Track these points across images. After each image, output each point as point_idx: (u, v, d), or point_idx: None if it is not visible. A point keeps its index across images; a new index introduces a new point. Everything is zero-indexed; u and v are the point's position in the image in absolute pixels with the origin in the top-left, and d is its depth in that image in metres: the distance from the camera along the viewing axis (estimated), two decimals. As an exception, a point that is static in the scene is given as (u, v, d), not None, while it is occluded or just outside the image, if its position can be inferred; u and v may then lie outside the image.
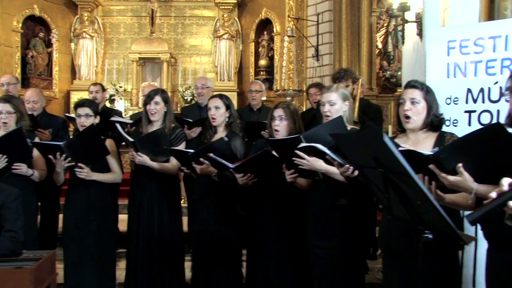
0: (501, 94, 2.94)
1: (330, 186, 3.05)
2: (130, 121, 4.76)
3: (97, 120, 3.84)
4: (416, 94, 2.63)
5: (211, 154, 3.35)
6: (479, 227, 2.56)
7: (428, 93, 2.65)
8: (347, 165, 2.70)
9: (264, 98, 9.39)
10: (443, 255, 2.52)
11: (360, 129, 3.22)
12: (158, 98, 3.88)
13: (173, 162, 3.81)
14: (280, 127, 3.37)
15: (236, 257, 3.86)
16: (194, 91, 5.88)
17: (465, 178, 2.06)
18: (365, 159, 1.60)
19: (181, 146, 3.89)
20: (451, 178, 2.08)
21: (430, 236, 1.65)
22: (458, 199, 2.30)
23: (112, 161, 3.80)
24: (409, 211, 1.65)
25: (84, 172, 3.56)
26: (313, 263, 3.23)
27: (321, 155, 2.83)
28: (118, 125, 3.87)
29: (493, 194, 1.61)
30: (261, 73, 10.33)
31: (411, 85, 2.69)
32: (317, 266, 3.20)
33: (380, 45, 8.74)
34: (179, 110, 8.68)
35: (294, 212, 3.41)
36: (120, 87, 10.35)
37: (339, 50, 8.28)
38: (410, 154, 2.21)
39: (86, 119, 3.75)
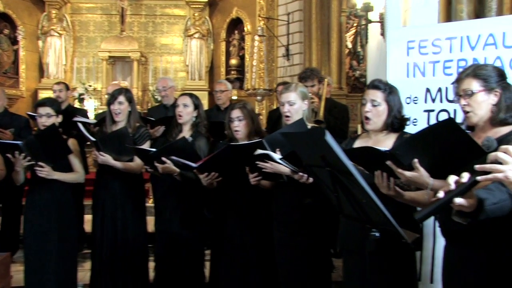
0: (457, 94, 3.01)
1: (295, 186, 3.05)
2: (93, 121, 4.70)
3: (59, 119, 3.77)
4: (378, 95, 2.61)
5: (173, 157, 3.32)
6: (437, 224, 2.62)
7: (390, 94, 2.63)
8: (301, 173, 2.71)
9: (235, 97, 9.43)
10: (399, 253, 2.55)
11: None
12: (121, 98, 3.84)
13: (137, 161, 3.77)
14: (240, 127, 3.36)
15: (199, 257, 3.83)
16: (157, 93, 5.83)
17: (421, 173, 2.11)
18: (314, 158, 1.62)
19: (145, 145, 3.85)
20: (408, 173, 2.13)
21: (377, 234, 1.67)
22: (417, 196, 2.34)
23: (74, 160, 3.74)
24: (356, 210, 1.67)
25: (45, 171, 3.50)
26: (278, 263, 3.24)
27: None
28: (80, 125, 3.81)
29: (440, 193, 1.64)
30: (232, 72, 10.33)
31: (373, 85, 2.67)
32: (283, 266, 3.20)
33: (349, 45, 8.83)
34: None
35: (259, 212, 3.41)
36: (90, 86, 10.20)
37: (309, 50, 8.33)
38: (367, 151, 2.25)
39: (47, 119, 3.68)
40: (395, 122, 2.62)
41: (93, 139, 3.67)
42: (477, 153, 1.87)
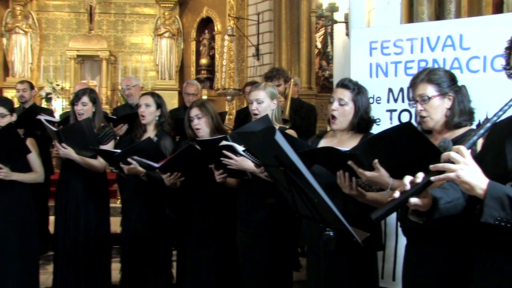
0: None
1: (258, 185, 3.05)
2: (57, 120, 4.60)
3: (13, 118, 3.69)
4: (345, 94, 2.61)
5: (135, 157, 3.28)
6: (399, 223, 2.65)
7: (358, 94, 2.63)
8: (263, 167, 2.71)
9: (205, 97, 9.38)
10: (360, 252, 2.57)
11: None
12: (85, 99, 3.78)
13: (100, 159, 3.71)
14: (200, 125, 3.34)
15: (165, 258, 3.79)
16: (123, 93, 5.74)
17: (381, 173, 2.14)
18: (268, 157, 1.61)
19: (110, 145, 3.80)
20: (368, 173, 2.16)
21: (331, 233, 1.68)
22: (379, 197, 2.36)
23: (33, 160, 3.66)
24: (310, 209, 1.67)
25: (3, 172, 3.41)
26: (241, 262, 3.23)
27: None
28: (43, 120, 3.73)
29: (396, 194, 1.65)
30: (202, 72, 10.29)
31: (342, 84, 2.67)
32: (246, 265, 3.20)
33: (319, 45, 8.88)
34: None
35: (223, 212, 3.40)
36: (58, 85, 10.00)
37: (279, 50, 8.35)
38: (328, 151, 2.26)
39: (1, 119, 3.60)
40: (362, 122, 2.63)
41: (54, 129, 3.60)
42: (435, 155, 1.90)
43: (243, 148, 2.69)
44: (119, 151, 3.44)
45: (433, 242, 2.17)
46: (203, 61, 10.34)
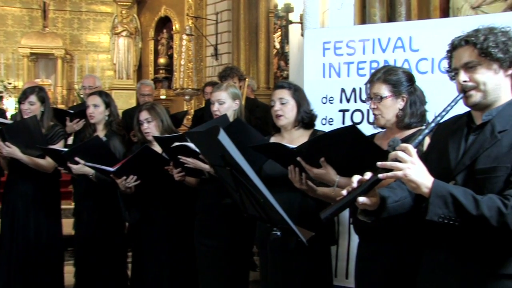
0: (370, 95, 3.09)
1: (216, 185, 3.02)
2: (8, 121, 4.41)
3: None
4: (284, 93, 2.69)
5: (90, 164, 3.17)
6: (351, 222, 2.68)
7: (296, 91, 2.71)
8: None
9: (163, 97, 9.27)
10: (314, 250, 2.58)
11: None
12: (33, 98, 3.64)
13: (49, 159, 3.58)
14: (150, 129, 3.28)
15: (120, 259, 3.72)
16: (82, 91, 5.58)
17: (328, 171, 2.19)
18: (215, 157, 1.59)
19: (59, 145, 3.67)
20: (315, 170, 2.20)
21: (278, 233, 1.67)
22: (329, 192, 2.38)
23: None
24: (257, 209, 1.65)
25: None
26: (198, 261, 3.20)
27: (194, 155, 2.79)
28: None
29: (344, 192, 1.67)
30: (161, 71, 10.16)
31: (279, 85, 2.77)
32: (202, 264, 3.17)
33: (277, 45, 8.90)
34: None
35: (179, 211, 3.35)
36: (9, 83, 9.65)
37: (238, 50, 8.34)
38: (275, 147, 2.27)
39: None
40: (305, 117, 2.69)
41: None
42: (381, 155, 1.92)
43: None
44: (66, 149, 3.34)
45: (383, 240, 2.21)
46: (162, 60, 10.22)
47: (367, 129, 2.58)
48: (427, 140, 2.09)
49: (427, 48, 2.95)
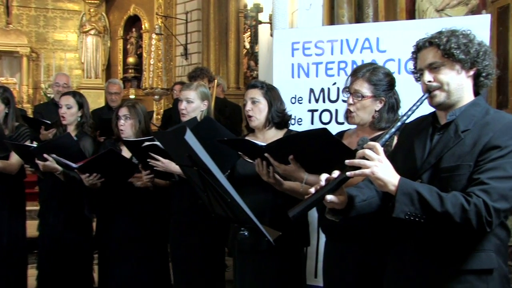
0: (339, 95, 3.10)
1: (189, 186, 2.99)
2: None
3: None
4: (256, 93, 2.67)
5: (54, 155, 3.11)
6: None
7: (268, 91, 2.69)
8: None
9: (132, 96, 9.14)
10: (288, 250, 2.58)
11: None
12: None
13: (13, 159, 3.49)
14: (125, 126, 3.26)
15: (86, 261, 3.67)
16: (53, 88, 5.43)
17: (296, 168, 2.19)
18: (182, 157, 1.56)
19: None
20: (283, 167, 2.20)
21: (246, 233, 1.65)
22: (296, 186, 2.38)
23: None
24: (225, 209, 1.63)
25: None
26: (173, 263, 3.18)
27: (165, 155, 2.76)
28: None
29: (312, 190, 1.67)
30: (130, 70, 10.02)
31: (251, 85, 2.75)
32: (177, 265, 3.15)
33: (247, 45, 8.89)
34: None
35: (149, 212, 3.30)
36: (-28, 82, 9.34)
37: (207, 49, 8.29)
38: (245, 144, 2.27)
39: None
40: (276, 116, 2.67)
41: None
42: (350, 156, 1.93)
43: None
44: (35, 145, 3.27)
45: (349, 239, 2.22)
46: (131, 59, 10.07)
47: (335, 129, 2.59)
48: (395, 139, 2.12)
49: (394, 49, 2.98)
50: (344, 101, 3.03)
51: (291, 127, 3.06)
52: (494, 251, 1.65)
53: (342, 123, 3.15)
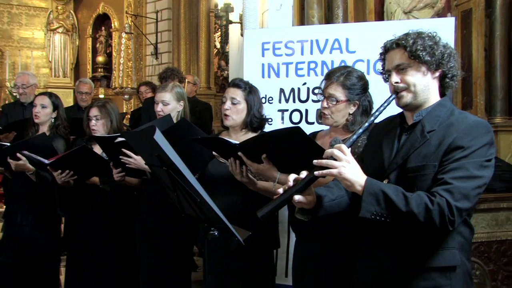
0: (309, 95, 3.11)
1: (159, 184, 2.95)
2: None
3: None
4: (238, 93, 2.64)
5: (25, 152, 3.05)
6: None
7: (250, 93, 2.66)
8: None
9: (102, 96, 8.99)
10: (258, 251, 2.57)
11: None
12: None
13: None
14: (97, 126, 3.23)
15: (53, 263, 3.60)
16: (15, 89, 5.30)
17: (269, 167, 2.19)
18: (151, 157, 1.54)
19: None
20: (256, 166, 2.19)
21: (216, 233, 1.64)
22: (269, 186, 2.39)
23: None
24: (195, 209, 1.62)
25: None
26: (140, 262, 3.12)
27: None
28: None
29: (280, 190, 1.67)
30: (99, 70, 9.86)
31: (234, 83, 2.70)
32: (144, 265, 3.09)
33: (218, 45, 8.86)
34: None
35: (119, 208, 3.27)
36: None
37: (178, 49, 8.23)
38: (218, 141, 2.25)
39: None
40: (254, 121, 2.66)
41: None
42: (321, 154, 1.94)
43: None
44: (8, 144, 3.21)
45: (319, 238, 2.24)
46: (100, 58, 9.91)
47: (305, 129, 2.58)
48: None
49: (363, 50, 3.01)
50: (314, 101, 3.07)
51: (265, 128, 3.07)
52: (458, 249, 1.68)
53: (312, 123, 3.18)
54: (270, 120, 3.25)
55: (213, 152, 2.42)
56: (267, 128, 3.12)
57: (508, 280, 3.14)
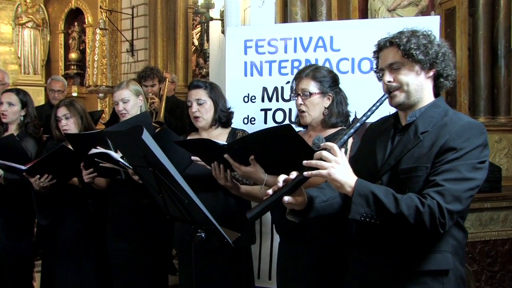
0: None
1: (131, 185, 2.93)
2: None
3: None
4: (201, 94, 2.70)
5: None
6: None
7: (212, 90, 2.72)
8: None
9: (75, 94, 8.88)
10: (235, 250, 2.58)
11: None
12: None
13: None
14: (69, 125, 3.20)
15: (26, 270, 3.54)
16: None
17: (256, 169, 2.19)
18: (137, 158, 1.53)
19: None
20: (244, 168, 2.19)
21: (203, 235, 1.65)
22: (253, 190, 2.42)
23: None
24: (181, 211, 1.62)
25: None
26: (113, 267, 3.10)
27: (114, 163, 2.69)
28: None
29: (270, 191, 1.68)
30: (72, 67, 9.71)
31: (194, 85, 2.77)
32: (118, 270, 3.07)
33: (196, 42, 8.82)
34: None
35: (100, 212, 3.23)
36: None
37: (155, 46, 8.16)
38: (205, 143, 2.25)
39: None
40: (222, 115, 2.73)
41: None
42: (310, 154, 1.96)
43: (121, 155, 2.57)
44: None
45: (305, 239, 2.25)
46: (73, 55, 9.76)
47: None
48: (350, 140, 2.17)
49: (347, 48, 3.05)
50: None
51: (244, 127, 3.09)
52: (451, 252, 1.70)
53: (294, 123, 3.19)
54: (252, 119, 3.27)
55: (192, 157, 2.41)
56: (250, 127, 3.14)
57: (491, 280, 3.23)
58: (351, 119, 2.50)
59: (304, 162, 1.61)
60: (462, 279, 1.74)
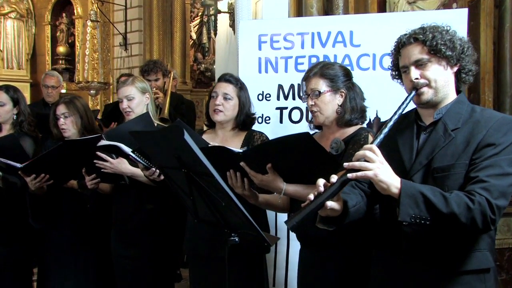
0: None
1: (136, 190, 2.99)
2: None
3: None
4: (230, 89, 2.74)
5: None
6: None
7: (242, 90, 2.77)
8: (153, 168, 2.67)
9: (64, 91, 8.88)
10: (248, 258, 2.64)
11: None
12: None
13: None
14: (67, 125, 3.24)
15: (23, 277, 3.58)
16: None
17: (274, 177, 2.22)
18: (167, 159, 1.58)
19: None
20: (261, 177, 2.22)
21: (236, 239, 1.70)
22: (272, 199, 2.45)
23: None
24: (214, 214, 1.67)
25: None
26: (117, 274, 3.15)
27: (124, 156, 2.75)
28: None
29: (311, 196, 1.70)
30: (60, 61, 9.70)
31: (225, 79, 2.79)
32: (123, 277, 3.12)
33: (194, 36, 8.86)
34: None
35: (95, 218, 3.31)
36: None
37: (150, 39, 8.19)
38: (220, 151, 2.29)
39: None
40: (247, 120, 2.77)
41: None
42: (330, 163, 2.03)
43: (131, 149, 2.62)
44: None
45: (328, 246, 2.29)
46: (61, 49, 9.76)
47: (306, 129, 2.64)
48: (370, 138, 2.23)
49: (368, 43, 3.09)
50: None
51: (259, 126, 3.13)
52: (488, 250, 1.77)
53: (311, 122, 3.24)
54: (267, 118, 3.32)
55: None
56: (264, 127, 3.19)
57: (523, 290, 3.22)
58: (372, 117, 2.56)
59: (346, 164, 1.66)
60: (497, 277, 1.84)
